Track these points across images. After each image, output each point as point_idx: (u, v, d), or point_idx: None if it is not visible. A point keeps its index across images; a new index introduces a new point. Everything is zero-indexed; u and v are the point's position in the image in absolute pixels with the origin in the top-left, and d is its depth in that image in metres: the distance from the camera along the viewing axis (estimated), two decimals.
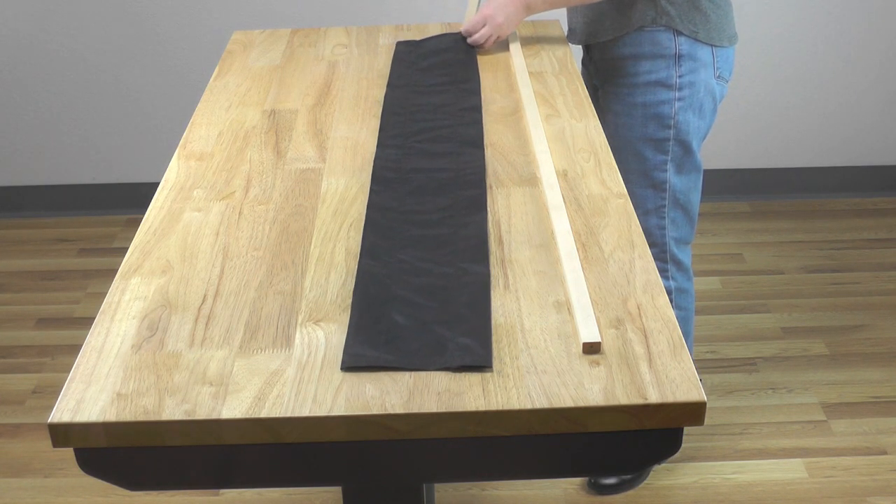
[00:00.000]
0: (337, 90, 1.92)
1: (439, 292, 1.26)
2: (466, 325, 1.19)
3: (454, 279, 1.29)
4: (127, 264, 1.36)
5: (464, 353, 1.15)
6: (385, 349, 1.16)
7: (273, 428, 1.08)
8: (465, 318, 1.21)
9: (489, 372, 1.13)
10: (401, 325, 1.20)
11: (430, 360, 1.14)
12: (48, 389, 2.64)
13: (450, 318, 1.21)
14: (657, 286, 1.27)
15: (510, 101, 1.84)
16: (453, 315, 1.22)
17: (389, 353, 1.16)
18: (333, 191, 1.54)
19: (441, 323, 1.20)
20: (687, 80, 1.95)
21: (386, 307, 1.23)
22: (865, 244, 3.19)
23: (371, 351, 1.16)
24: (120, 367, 1.16)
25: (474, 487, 2.28)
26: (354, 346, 1.17)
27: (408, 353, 1.16)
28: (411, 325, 1.20)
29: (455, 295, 1.25)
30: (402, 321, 1.21)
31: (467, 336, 1.18)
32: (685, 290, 2.18)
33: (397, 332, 1.19)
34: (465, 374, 1.12)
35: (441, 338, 1.18)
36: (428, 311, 1.22)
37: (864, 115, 3.38)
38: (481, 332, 1.18)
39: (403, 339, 1.18)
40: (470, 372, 1.13)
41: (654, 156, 2.01)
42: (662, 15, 1.92)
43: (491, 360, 1.14)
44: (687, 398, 1.08)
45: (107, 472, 1.12)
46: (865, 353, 2.69)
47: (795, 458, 2.33)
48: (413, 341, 1.17)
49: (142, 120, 3.38)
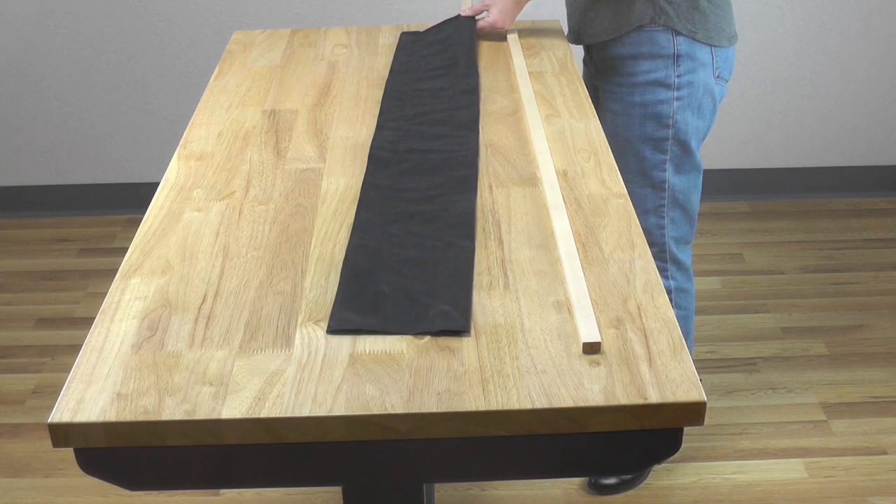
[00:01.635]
0: (337, 90, 1.92)
1: (425, 264, 1.31)
2: (448, 294, 1.24)
3: (440, 252, 1.34)
4: (127, 264, 1.36)
5: (443, 318, 1.20)
6: (370, 314, 1.21)
7: (273, 428, 1.08)
8: (447, 287, 1.26)
9: (466, 336, 1.18)
10: (386, 293, 1.25)
11: (411, 326, 1.20)
12: (48, 389, 2.64)
13: (433, 287, 1.26)
14: (657, 286, 1.27)
15: (510, 101, 1.84)
16: (437, 284, 1.27)
17: (374, 318, 1.20)
18: (333, 191, 1.54)
19: (424, 293, 1.25)
20: (685, 80, 1.95)
21: (373, 277, 1.28)
22: (865, 244, 3.19)
23: (356, 316, 1.21)
24: (120, 367, 1.16)
25: (474, 487, 2.28)
26: (340, 311, 1.22)
27: (390, 318, 1.21)
28: (396, 294, 1.25)
29: (440, 266, 1.31)
30: (387, 290, 1.26)
31: (447, 303, 1.22)
32: (685, 290, 2.18)
33: (382, 300, 1.24)
34: (466, 375, 1.12)
35: (424, 305, 1.23)
36: (413, 281, 1.28)
37: (864, 115, 3.37)
38: (461, 300, 1.23)
39: (387, 306, 1.23)
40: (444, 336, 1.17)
41: (652, 155, 2.01)
42: (661, 14, 1.92)
43: (469, 326, 1.19)
44: (687, 398, 1.08)
45: (107, 472, 1.12)
46: (865, 353, 2.69)
47: (795, 458, 2.33)
48: (396, 308, 1.23)
49: (142, 120, 3.38)
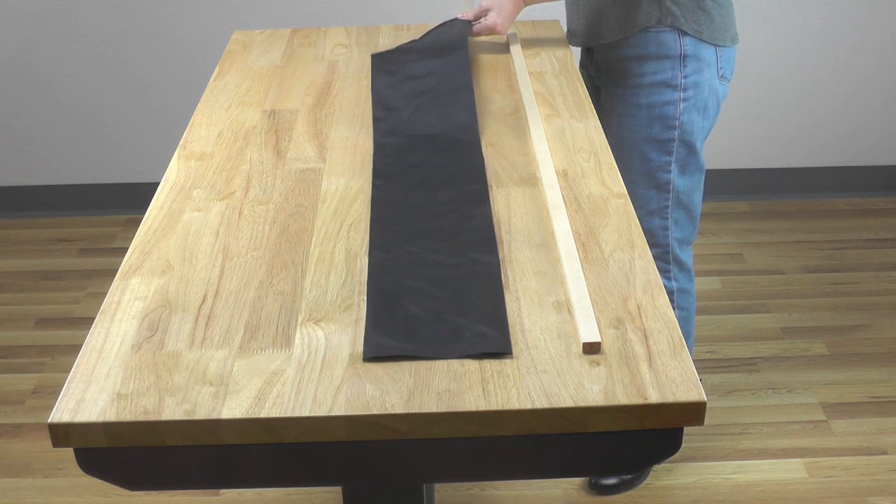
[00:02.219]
0: (337, 90, 1.92)
1: (451, 282, 1.28)
2: (481, 314, 1.21)
3: (465, 269, 1.30)
4: (127, 264, 1.36)
5: (482, 340, 1.16)
6: (404, 339, 1.17)
7: (273, 428, 1.08)
8: (478, 307, 1.22)
9: (509, 358, 1.14)
10: (417, 315, 1.21)
11: (450, 349, 1.16)
12: (48, 389, 2.64)
13: (464, 307, 1.22)
14: (657, 286, 1.27)
15: (510, 101, 1.84)
16: (467, 305, 1.23)
17: (409, 343, 1.17)
18: (333, 191, 1.54)
19: (456, 313, 1.22)
20: (692, 81, 1.95)
21: (400, 298, 1.25)
22: (865, 244, 3.19)
23: (391, 341, 1.17)
24: (120, 367, 1.16)
25: (474, 487, 2.28)
26: (375, 337, 1.18)
27: (427, 342, 1.17)
28: (427, 316, 1.21)
29: (467, 285, 1.27)
30: (417, 311, 1.22)
31: (483, 324, 1.19)
32: (687, 291, 2.18)
33: (414, 323, 1.20)
34: (466, 375, 1.12)
35: (457, 327, 1.19)
36: (442, 302, 1.24)
37: (864, 115, 3.37)
38: (497, 319, 1.20)
39: (421, 329, 1.19)
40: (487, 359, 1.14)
41: (658, 157, 2.00)
42: (667, 15, 1.92)
43: (510, 346, 1.15)
44: (687, 398, 1.08)
45: (107, 472, 1.12)
46: (865, 353, 2.69)
47: (795, 458, 2.33)
48: (430, 331, 1.19)
49: (142, 120, 3.38)
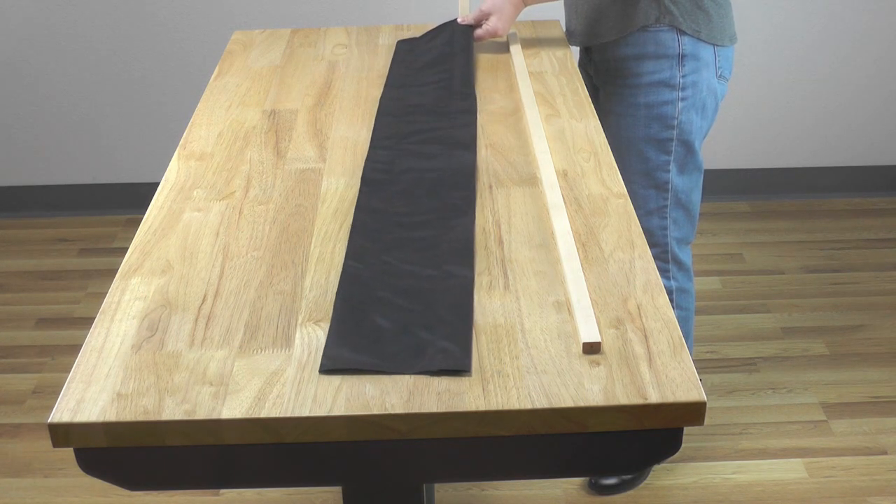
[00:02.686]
0: (337, 90, 1.92)
1: (422, 295, 1.25)
2: (447, 329, 1.19)
3: (438, 282, 1.28)
4: (127, 264, 1.36)
5: (444, 356, 1.14)
6: (366, 352, 1.15)
7: (273, 428, 1.08)
8: (446, 321, 1.20)
9: (467, 376, 1.12)
10: (383, 328, 1.19)
11: (409, 364, 1.13)
12: (48, 389, 2.64)
13: (432, 321, 1.20)
14: (657, 286, 1.27)
15: (510, 101, 1.84)
16: (435, 318, 1.21)
17: (369, 356, 1.15)
18: (333, 191, 1.54)
19: (423, 326, 1.19)
20: (690, 80, 1.95)
21: (368, 310, 1.22)
22: (865, 244, 3.19)
23: (350, 353, 1.15)
24: (120, 367, 1.16)
25: (474, 487, 2.28)
26: (333, 349, 1.16)
27: (387, 356, 1.15)
28: (393, 328, 1.19)
29: (438, 297, 1.24)
30: (384, 324, 1.20)
31: (447, 339, 1.17)
32: (686, 290, 2.18)
33: (378, 335, 1.18)
34: (465, 375, 1.12)
35: (422, 341, 1.17)
36: (410, 315, 1.22)
37: (864, 115, 3.37)
38: (461, 335, 1.17)
39: (384, 342, 1.17)
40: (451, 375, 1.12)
41: (656, 156, 2.00)
42: (666, 15, 1.92)
43: (469, 365, 1.13)
44: (687, 398, 1.08)
45: (107, 472, 1.12)
46: (865, 353, 2.69)
47: (795, 458, 2.33)
48: (393, 344, 1.17)
49: (142, 120, 3.38)
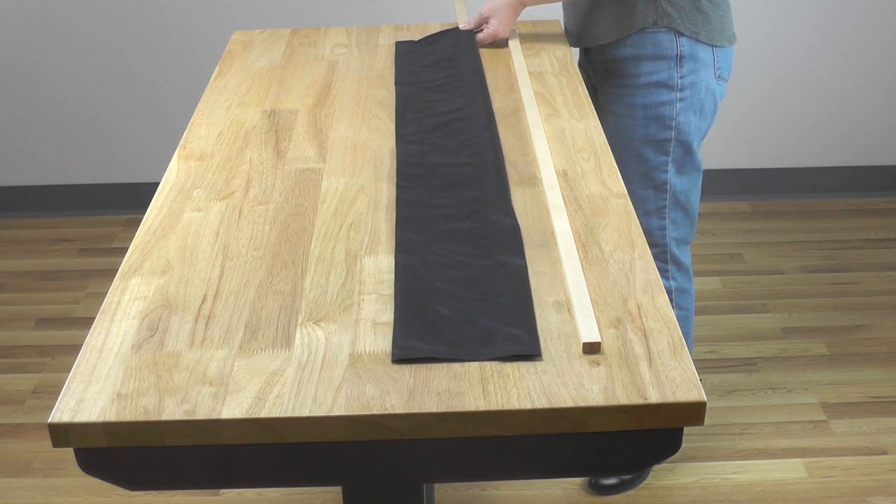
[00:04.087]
0: (337, 90, 1.92)
1: (479, 284, 1.26)
2: (511, 316, 1.20)
3: (492, 271, 1.29)
4: (127, 264, 1.36)
5: (513, 342, 1.15)
6: (433, 341, 1.16)
7: (273, 428, 1.08)
8: (508, 308, 1.21)
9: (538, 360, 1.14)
10: (446, 317, 1.20)
11: (480, 351, 1.15)
12: (48, 389, 2.64)
13: (493, 309, 1.21)
14: (657, 286, 1.27)
15: (510, 101, 1.84)
16: (497, 306, 1.22)
17: (439, 345, 1.16)
18: (333, 191, 1.54)
19: (485, 314, 1.21)
20: (688, 81, 1.95)
21: (428, 300, 1.23)
22: (865, 244, 3.19)
23: (420, 343, 1.16)
24: (120, 367, 1.16)
25: (474, 487, 2.28)
26: (403, 339, 1.17)
27: (457, 344, 1.16)
28: (456, 317, 1.20)
29: (495, 286, 1.26)
30: (446, 313, 1.21)
31: (513, 326, 1.18)
32: (685, 290, 2.18)
33: (443, 325, 1.19)
34: (466, 375, 1.12)
35: (487, 328, 1.18)
36: (470, 303, 1.23)
37: (864, 115, 3.37)
38: (527, 321, 1.19)
39: (450, 331, 1.18)
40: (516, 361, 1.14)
41: (655, 157, 2.01)
42: (664, 16, 1.92)
43: (539, 349, 1.15)
44: (687, 398, 1.08)
45: (107, 472, 1.12)
46: (865, 353, 2.69)
47: (795, 458, 2.33)
48: (460, 332, 1.18)
49: (142, 120, 3.38)
